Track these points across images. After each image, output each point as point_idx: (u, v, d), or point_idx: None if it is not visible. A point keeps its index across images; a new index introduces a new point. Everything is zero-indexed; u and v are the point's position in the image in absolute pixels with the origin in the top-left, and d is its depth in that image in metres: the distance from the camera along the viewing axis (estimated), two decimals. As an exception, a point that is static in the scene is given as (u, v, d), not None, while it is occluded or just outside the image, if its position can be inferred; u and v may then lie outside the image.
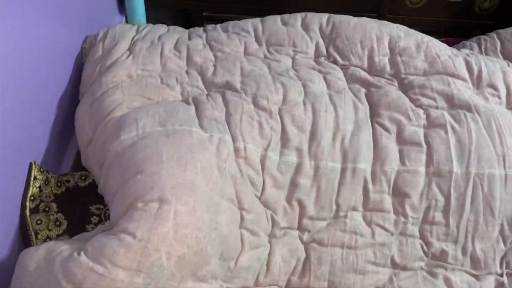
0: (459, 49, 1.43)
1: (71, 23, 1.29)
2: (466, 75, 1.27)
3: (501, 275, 1.10)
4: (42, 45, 1.13)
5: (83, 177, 1.17)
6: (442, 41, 1.39)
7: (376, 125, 1.17)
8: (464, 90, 1.23)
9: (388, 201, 1.11)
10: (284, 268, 1.05)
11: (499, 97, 1.25)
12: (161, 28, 1.40)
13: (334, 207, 1.09)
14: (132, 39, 1.31)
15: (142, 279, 0.85)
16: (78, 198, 1.12)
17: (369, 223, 1.10)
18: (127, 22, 1.74)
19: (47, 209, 1.09)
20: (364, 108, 1.19)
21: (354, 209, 1.10)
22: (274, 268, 1.04)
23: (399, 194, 1.11)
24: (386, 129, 1.16)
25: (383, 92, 1.22)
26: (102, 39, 1.31)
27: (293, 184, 1.09)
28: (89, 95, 1.18)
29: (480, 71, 1.27)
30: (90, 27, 1.40)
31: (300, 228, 1.09)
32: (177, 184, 0.93)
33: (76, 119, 1.18)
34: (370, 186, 1.11)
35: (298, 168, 1.09)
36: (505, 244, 1.11)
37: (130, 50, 1.27)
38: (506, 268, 1.11)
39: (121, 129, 1.04)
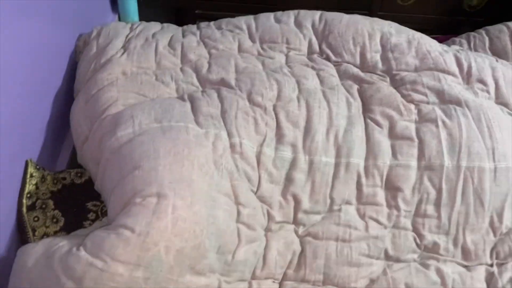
0: (449, 46, 1.45)
1: (65, 22, 1.30)
2: (456, 70, 1.29)
3: (491, 265, 1.13)
4: (36, 44, 1.13)
5: (79, 174, 1.18)
6: (433, 38, 1.41)
7: (369, 121, 1.19)
8: (454, 86, 1.25)
9: (381, 195, 1.13)
10: (280, 261, 1.06)
11: (488, 92, 1.27)
12: (155, 26, 1.41)
13: (328, 201, 1.11)
14: (126, 36, 1.32)
15: (142, 273, 0.86)
16: (74, 195, 1.13)
17: (362, 216, 1.12)
18: (120, 20, 1.74)
19: (44, 206, 1.10)
20: (357, 104, 1.21)
21: (348, 202, 1.12)
22: (271, 261, 1.05)
23: (391, 187, 1.13)
24: (378, 124, 1.18)
25: (375, 88, 1.24)
26: (96, 37, 1.31)
27: (288, 179, 1.10)
28: (84, 92, 1.18)
29: (469, 67, 1.30)
30: (83, 25, 1.40)
31: (296, 222, 1.11)
32: (175, 179, 0.94)
33: (72, 117, 1.19)
34: (363, 180, 1.13)
35: (293, 163, 1.11)
36: (495, 235, 1.13)
37: (125, 47, 1.27)
38: (496, 258, 1.13)
39: (117, 126, 1.05)
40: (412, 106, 1.21)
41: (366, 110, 1.21)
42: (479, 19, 1.83)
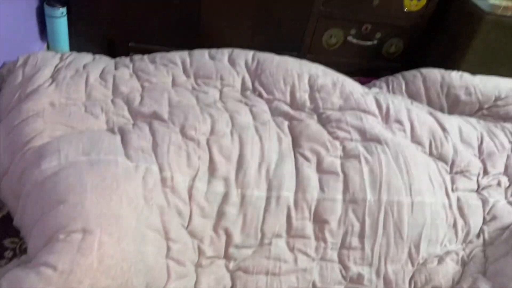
0: (370, 88, 1.57)
1: (-12, 47, 1.24)
2: (376, 111, 1.40)
3: (410, 294, 1.20)
4: None
5: None
6: (355, 80, 1.52)
7: (298, 155, 1.24)
8: (374, 125, 1.35)
9: (309, 228, 1.17)
10: None
11: (404, 131, 1.38)
12: (86, 57, 1.38)
13: (259, 234, 1.13)
14: (56, 66, 1.28)
15: None
16: None
17: (292, 249, 1.14)
18: (48, 49, 1.69)
19: None
20: (287, 139, 1.26)
21: (278, 236, 1.14)
22: None
23: (319, 220, 1.17)
24: (307, 159, 1.23)
25: (304, 125, 1.31)
26: (22, 65, 1.26)
27: (220, 213, 1.11)
28: (6, 123, 1.12)
29: (388, 108, 1.41)
30: (8, 53, 1.34)
31: (227, 256, 1.11)
32: (102, 214, 0.91)
33: None
34: (293, 213, 1.16)
35: (225, 197, 1.12)
36: (413, 265, 1.20)
37: (53, 77, 1.24)
38: (414, 287, 1.20)
39: (42, 158, 1.00)
40: (337, 143, 1.28)
41: (296, 145, 1.26)
42: (397, 65, 2.01)
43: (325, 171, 1.22)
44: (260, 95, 1.39)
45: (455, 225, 1.27)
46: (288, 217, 1.16)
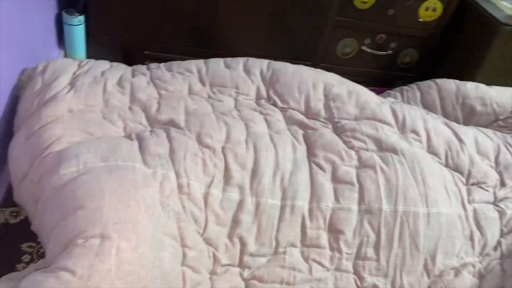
0: (385, 98, 1.57)
1: (7, 55, 1.26)
2: (392, 121, 1.40)
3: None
4: None
5: (14, 214, 1.12)
6: (370, 90, 1.52)
7: (313, 164, 1.23)
8: (390, 135, 1.34)
9: (324, 237, 1.16)
10: None
11: (420, 141, 1.37)
12: (104, 64, 1.40)
13: (274, 243, 1.12)
14: (74, 73, 1.30)
15: None
16: (8, 236, 1.07)
17: (306, 259, 1.14)
18: (66, 56, 1.72)
19: None
20: (302, 148, 1.26)
21: (293, 245, 1.14)
22: None
23: (334, 230, 1.17)
24: (321, 168, 1.23)
25: (318, 134, 1.31)
26: (41, 72, 1.28)
27: (235, 221, 1.11)
28: (26, 128, 1.14)
29: (404, 118, 1.41)
30: (27, 60, 1.36)
31: (241, 265, 1.10)
32: (120, 220, 0.91)
33: (10, 153, 1.13)
34: (307, 222, 1.15)
35: (240, 205, 1.12)
36: (428, 277, 1.19)
37: (72, 84, 1.25)
38: None
39: (61, 164, 1.01)
40: (353, 152, 1.28)
41: (311, 154, 1.26)
42: (412, 75, 2.00)
43: (340, 180, 1.22)
44: (274, 104, 1.40)
45: (471, 237, 1.26)
46: (303, 226, 1.15)
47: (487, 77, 1.77)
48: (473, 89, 1.61)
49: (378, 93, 1.59)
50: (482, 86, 1.62)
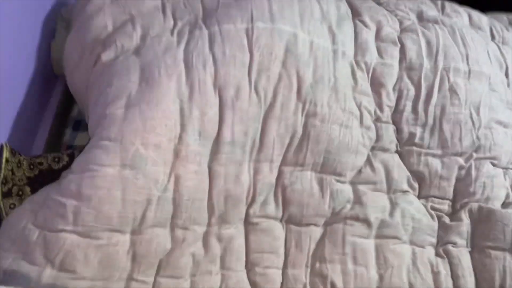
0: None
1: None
2: (432, 4, 1.42)
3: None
4: (11, 25, 1.11)
5: (56, 159, 1.13)
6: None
7: (358, 21, 1.27)
8: (431, 10, 1.37)
9: (368, 88, 1.19)
10: (278, 143, 1.06)
11: (462, 19, 1.40)
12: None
13: (332, 79, 1.13)
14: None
15: (129, 170, 0.94)
16: (52, 180, 1.06)
17: (359, 105, 1.15)
18: None
19: (20, 193, 1.06)
20: (345, 7, 1.28)
21: (347, 90, 1.15)
22: (268, 142, 1.05)
23: (377, 83, 1.20)
24: (366, 26, 1.26)
25: (363, 0, 1.34)
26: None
27: (291, 53, 1.10)
28: (76, 22, 1.16)
29: (443, 3, 1.43)
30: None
31: (300, 98, 1.09)
32: (142, 90, 0.99)
33: (66, 48, 1.15)
34: (356, 70, 1.18)
35: (295, 38, 1.11)
36: (474, 126, 1.20)
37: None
38: (475, 152, 1.19)
39: (103, 50, 1.07)
40: (396, 19, 1.32)
41: (355, 14, 1.29)
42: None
43: (384, 39, 1.25)
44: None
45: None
46: (353, 73, 1.17)
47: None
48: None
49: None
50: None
